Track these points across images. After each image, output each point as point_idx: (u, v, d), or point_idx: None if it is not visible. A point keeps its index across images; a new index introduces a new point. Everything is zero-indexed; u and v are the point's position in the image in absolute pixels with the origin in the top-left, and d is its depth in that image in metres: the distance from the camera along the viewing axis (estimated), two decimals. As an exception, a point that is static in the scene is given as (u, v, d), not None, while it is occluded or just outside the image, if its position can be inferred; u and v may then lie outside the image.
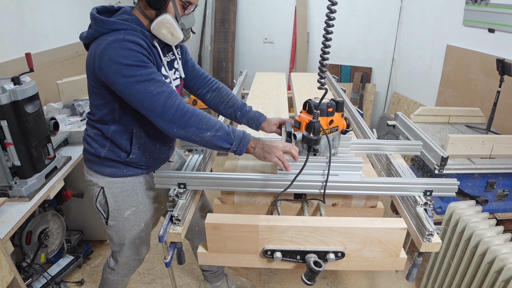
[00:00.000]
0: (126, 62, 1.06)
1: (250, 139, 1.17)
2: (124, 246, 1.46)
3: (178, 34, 1.16)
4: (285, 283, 2.14)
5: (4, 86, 1.41)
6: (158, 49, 1.20)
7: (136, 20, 1.15)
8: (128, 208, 1.37)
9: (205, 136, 1.12)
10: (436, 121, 2.36)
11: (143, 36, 1.14)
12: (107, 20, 1.11)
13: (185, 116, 1.10)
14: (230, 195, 1.31)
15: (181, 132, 1.11)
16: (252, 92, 2.35)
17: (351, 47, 4.01)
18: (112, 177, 1.33)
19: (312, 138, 1.01)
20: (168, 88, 1.11)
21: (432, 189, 1.16)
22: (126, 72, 1.06)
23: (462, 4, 2.82)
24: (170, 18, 1.13)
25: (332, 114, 1.16)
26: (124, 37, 1.08)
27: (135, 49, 1.07)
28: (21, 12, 2.23)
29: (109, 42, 1.07)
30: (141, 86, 1.07)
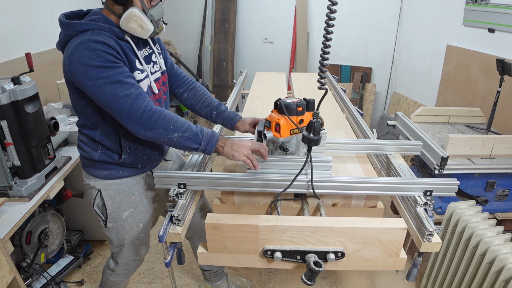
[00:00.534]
0: (92, 63, 1.06)
1: (219, 138, 1.18)
2: (123, 247, 1.46)
3: (148, 26, 1.16)
4: (285, 283, 2.14)
5: (4, 86, 1.41)
6: (131, 43, 1.20)
7: (104, 19, 1.15)
8: (126, 209, 1.38)
9: (172, 137, 1.13)
10: (436, 121, 2.36)
11: (111, 33, 1.14)
12: (73, 23, 1.12)
13: (152, 118, 1.10)
14: (230, 195, 1.31)
15: (148, 133, 1.12)
16: (252, 92, 2.35)
17: (351, 47, 4.01)
18: (108, 179, 1.33)
19: (312, 138, 1.01)
20: (136, 90, 1.11)
21: (432, 189, 1.16)
22: (93, 74, 1.07)
23: (462, 4, 2.82)
24: (137, 11, 1.13)
25: (302, 113, 1.16)
26: (90, 37, 1.08)
27: (101, 49, 1.07)
28: (21, 12, 2.23)
29: (76, 44, 1.08)
30: (108, 88, 1.07)
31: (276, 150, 1.24)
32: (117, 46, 1.13)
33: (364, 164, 1.41)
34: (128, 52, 1.18)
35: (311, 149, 1.06)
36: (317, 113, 1.02)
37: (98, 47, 1.07)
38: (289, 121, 1.14)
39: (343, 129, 1.73)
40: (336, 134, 1.68)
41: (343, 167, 1.38)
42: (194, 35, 4.38)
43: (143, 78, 1.23)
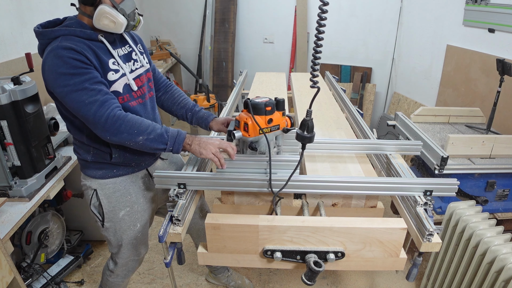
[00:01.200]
0: (60, 70, 1.09)
1: (185, 136, 1.20)
2: (122, 248, 1.47)
3: (120, 20, 1.16)
4: (285, 283, 2.14)
5: (4, 86, 1.41)
6: (105, 43, 1.20)
7: (77, 23, 1.18)
8: (122, 208, 1.38)
9: (138, 140, 1.15)
10: (436, 121, 2.36)
11: (83, 36, 1.16)
12: (44, 31, 1.15)
13: (115, 123, 1.13)
14: (230, 195, 1.31)
15: (114, 138, 1.15)
16: (252, 92, 2.35)
17: (351, 47, 4.01)
18: (103, 179, 1.35)
19: (306, 136, 1.01)
20: (102, 96, 1.13)
21: (432, 189, 1.16)
22: (60, 82, 1.10)
23: (462, 4, 2.82)
24: (107, 7, 1.14)
25: (271, 113, 1.17)
26: (59, 44, 1.10)
27: (68, 55, 1.09)
28: (21, 12, 2.23)
29: (47, 52, 1.11)
30: (74, 95, 1.10)
31: (246, 149, 1.24)
32: (87, 50, 1.14)
33: (364, 164, 1.41)
34: (100, 54, 1.18)
35: (305, 147, 1.06)
36: (309, 112, 1.02)
37: (65, 53, 1.09)
38: (258, 120, 1.15)
39: (343, 129, 1.74)
40: (336, 134, 1.68)
41: (343, 167, 1.38)
42: (194, 35, 4.38)
43: (118, 78, 1.23)
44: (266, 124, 1.16)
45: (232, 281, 2.06)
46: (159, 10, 4.31)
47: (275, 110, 1.18)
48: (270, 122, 1.17)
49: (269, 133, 1.18)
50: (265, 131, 1.17)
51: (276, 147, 1.28)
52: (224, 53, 4.26)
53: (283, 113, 1.21)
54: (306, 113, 1.02)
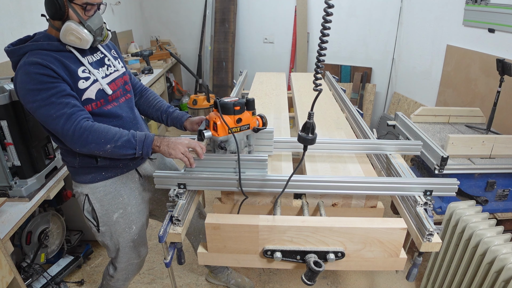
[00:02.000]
0: (28, 87, 1.11)
1: (154, 138, 1.21)
2: (119, 251, 1.47)
3: (86, 37, 1.18)
4: (285, 283, 2.14)
5: (4, 86, 1.41)
6: (74, 52, 1.22)
7: (45, 36, 1.19)
8: (115, 210, 1.39)
9: (106, 149, 1.17)
10: (436, 121, 2.36)
11: (50, 48, 1.17)
12: (12, 50, 1.16)
13: (83, 135, 1.14)
14: (230, 195, 1.31)
15: (83, 150, 1.17)
16: (252, 92, 2.35)
17: (351, 47, 4.01)
18: (93, 183, 1.35)
19: (308, 137, 1.01)
20: (69, 109, 1.13)
21: (432, 189, 1.16)
22: (29, 98, 1.12)
23: (462, 4, 2.82)
24: (73, 24, 1.15)
25: (240, 113, 1.17)
26: (26, 59, 1.12)
27: (34, 71, 1.10)
28: (21, 12, 2.23)
29: (17, 69, 1.14)
30: (42, 110, 1.12)
31: (217, 148, 1.25)
32: (54, 62, 1.15)
33: (364, 164, 1.41)
34: (69, 63, 1.19)
35: (306, 148, 1.06)
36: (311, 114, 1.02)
37: (32, 69, 1.11)
38: (227, 120, 1.16)
39: (343, 129, 1.74)
40: (336, 134, 1.68)
41: (343, 167, 1.38)
42: (194, 35, 4.38)
43: (89, 85, 1.23)
44: (235, 124, 1.17)
45: (232, 279, 2.07)
46: (159, 10, 4.31)
47: (244, 110, 1.19)
48: (239, 122, 1.18)
49: (238, 132, 1.19)
50: (234, 131, 1.18)
51: (248, 146, 1.28)
52: (224, 53, 4.27)
53: (253, 112, 1.22)
54: (308, 115, 1.02)
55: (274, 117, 1.86)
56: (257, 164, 1.19)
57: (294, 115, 2.09)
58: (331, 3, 0.83)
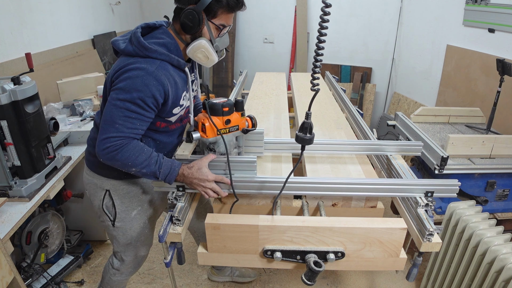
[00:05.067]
0: (132, 90, 1.06)
1: (177, 174, 1.14)
2: (130, 246, 1.46)
3: (213, 57, 1.18)
4: (285, 283, 2.14)
5: (4, 86, 1.41)
6: (188, 74, 1.22)
7: (175, 45, 1.17)
8: (135, 208, 1.38)
9: (130, 171, 1.14)
10: (436, 121, 2.37)
11: (176, 64, 1.16)
12: (149, 48, 1.11)
13: (113, 152, 1.10)
14: (230, 195, 1.31)
15: (107, 162, 1.14)
16: (252, 92, 2.35)
17: (351, 47, 4.01)
18: (117, 180, 1.33)
19: (305, 137, 1.01)
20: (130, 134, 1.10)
21: (433, 190, 1.15)
22: (121, 94, 1.07)
23: (462, 4, 2.82)
24: (206, 43, 1.14)
25: (229, 114, 1.16)
26: (156, 71, 1.09)
27: (152, 88, 1.08)
28: (21, 12, 2.23)
29: (141, 67, 1.08)
30: (116, 112, 1.08)
31: (206, 150, 1.24)
32: (172, 86, 1.14)
33: (365, 165, 1.41)
34: (180, 87, 1.19)
35: (304, 148, 1.06)
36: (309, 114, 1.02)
37: (152, 85, 1.08)
38: (216, 121, 1.15)
39: (343, 129, 1.73)
40: (336, 134, 1.68)
41: (343, 168, 1.38)
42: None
43: (179, 112, 1.25)
44: (224, 125, 1.16)
45: (236, 270, 2.08)
46: (159, 10, 4.30)
47: (233, 111, 1.18)
48: (228, 123, 1.17)
49: (227, 133, 1.18)
50: (223, 132, 1.17)
51: (237, 147, 1.28)
52: (224, 53, 4.26)
53: (242, 113, 1.21)
54: (306, 115, 1.02)
55: (274, 117, 1.86)
56: (246, 165, 1.18)
57: (294, 115, 2.09)
58: (328, 2, 0.83)
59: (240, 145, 1.28)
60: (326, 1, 0.83)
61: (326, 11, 0.84)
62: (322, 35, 0.87)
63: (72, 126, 2.15)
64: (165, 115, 1.21)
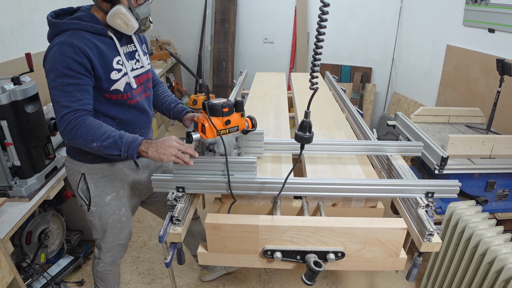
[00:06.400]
0: (56, 65, 1.13)
1: (141, 143, 1.18)
2: (106, 232, 1.48)
3: (132, 23, 1.21)
4: (285, 283, 2.14)
5: (4, 86, 1.41)
6: (114, 39, 1.24)
7: (89, 15, 1.21)
8: (108, 193, 1.42)
9: (92, 146, 1.17)
10: (436, 121, 2.37)
11: (93, 31, 1.19)
12: (56, 22, 1.18)
13: (73, 129, 1.15)
14: (230, 196, 1.31)
15: (71, 142, 1.20)
16: (252, 92, 2.35)
17: (351, 47, 4.01)
18: (91, 163, 1.37)
19: (305, 136, 1.01)
20: (77, 106, 1.16)
21: (434, 191, 1.15)
22: (51, 75, 1.15)
23: (462, 4, 2.82)
24: (123, 8, 1.18)
25: (229, 114, 1.16)
26: (67, 39, 1.14)
27: (70, 54, 1.13)
28: (21, 12, 2.23)
29: (54, 43, 1.15)
30: (56, 92, 1.15)
31: (206, 151, 1.24)
32: (92, 50, 1.17)
33: (365, 165, 1.41)
34: (106, 51, 1.22)
35: (303, 147, 1.06)
36: (308, 113, 1.02)
37: (69, 51, 1.13)
38: (215, 122, 1.15)
39: (343, 129, 1.73)
40: (336, 134, 1.68)
41: (343, 168, 1.38)
42: (194, 35, 4.38)
43: (120, 77, 1.27)
44: (224, 126, 1.16)
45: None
46: (159, 10, 4.31)
47: (233, 111, 1.18)
48: (228, 124, 1.17)
49: (227, 134, 1.18)
50: (223, 133, 1.17)
51: (237, 148, 1.27)
52: (224, 53, 4.26)
53: (242, 114, 1.21)
54: (305, 114, 1.02)
55: (274, 117, 1.86)
56: (246, 166, 1.18)
57: (294, 115, 2.09)
58: (327, 2, 0.83)
59: (240, 145, 1.28)
60: (324, 0, 0.82)
61: (325, 10, 0.84)
62: (321, 34, 0.87)
63: (72, 126, 2.15)
64: (105, 84, 1.24)
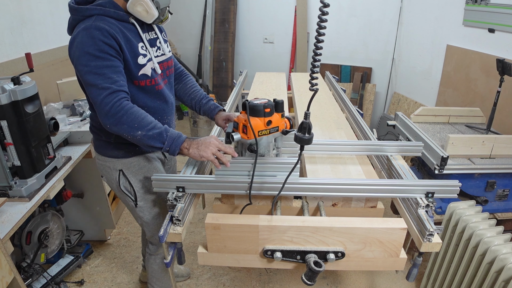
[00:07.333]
0: (86, 50, 1.10)
1: (185, 140, 1.19)
2: (160, 221, 1.46)
3: (153, 11, 1.20)
4: (285, 283, 2.14)
5: (4, 86, 1.41)
6: (136, 25, 1.23)
7: (110, 2, 1.19)
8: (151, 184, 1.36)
9: (136, 135, 1.15)
10: (436, 121, 2.37)
11: (116, 17, 1.18)
12: (79, 8, 1.16)
13: (118, 113, 1.13)
14: (230, 196, 1.31)
15: (113, 128, 1.16)
16: (252, 92, 2.35)
17: (351, 47, 4.01)
18: (126, 158, 1.36)
19: (304, 137, 1.01)
20: (117, 87, 1.14)
21: (434, 191, 1.15)
22: (83, 61, 1.11)
23: (462, 4, 2.82)
24: None
25: (270, 115, 1.15)
26: (93, 23, 1.12)
27: (100, 37, 1.11)
28: (21, 12, 2.23)
29: (81, 29, 1.13)
30: (91, 77, 1.12)
31: (245, 152, 1.23)
32: (119, 33, 1.15)
33: (365, 165, 1.41)
34: (131, 37, 1.21)
35: (303, 148, 1.06)
36: (308, 114, 1.02)
37: (97, 34, 1.10)
38: (257, 122, 1.13)
39: (343, 129, 1.73)
40: (336, 134, 1.68)
41: (344, 168, 1.38)
42: (194, 35, 4.38)
43: (146, 62, 1.25)
44: (265, 126, 1.15)
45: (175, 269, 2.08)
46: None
47: (274, 112, 1.17)
48: (269, 124, 1.16)
49: (268, 135, 1.17)
50: (264, 133, 1.16)
51: (276, 149, 1.27)
52: (224, 53, 4.27)
53: (282, 114, 1.20)
54: (304, 115, 1.02)
55: (274, 117, 1.85)
56: (288, 167, 1.16)
57: (294, 115, 2.08)
58: (327, 2, 0.82)
59: (278, 146, 1.27)
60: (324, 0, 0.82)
61: (325, 10, 0.84)
62: (321, 35, 0.87)
63: (72, 126, 2.15)
64: (134, 68, 1.22)
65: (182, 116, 4.75)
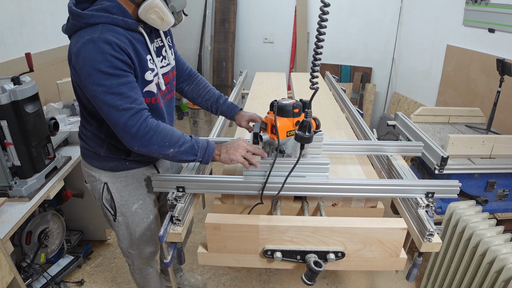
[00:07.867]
0: (98, 67, 0.98)
1: (215, 147, 1.17)
2: (134, 240, 1.41)
3: (169, 18, 1.08)
4: (285, 283, 2.14)
5: (4, 86, 1.41)
6: (144, 35, 1.11)
7: (117, 7, 1.05)
8: (135, 202, 1.33)
9: (168, 153, 1.10)
10: (436, 121, 2.37)
11: (124, 25, 1.05)
12: (83, 14, 1.01)
13: (147, 134, 1.05)
14: (230, 196, 1.31)
15: (142, 149, 1.08)
16: (252, 92, 2.35)
17: (351, 47, 4.01)
18: (114, 171, 1.28)
19: (305, 136, 1.01)
20: (138, 105, 1.05)
21: (434, 191, 1.15)
22: (95, 79, 0.99)
23: (462, 4, 2.82)
24: (159, 1, 1.04)
25: (299, 115, 1.15)
26: (100, 35, 0.99)
27: (110, 52, 0.99)
28: (21, 12, 2.23)
29: (85, 41, 0.99)
30: (107, 97, 1.00)
31: (272, 152, 1.23)
32: (129, 47, 1.04)
33: (365, 165, 1.41)
34: (140, 48, 1.09)
35: (303, 147, 1.06)
36: (309, 112, 1.02)
37: (108, 49, 0.98)
38: (286, 122, 1.12)
39: (343, 129, 1.73)
40: (336, 134, 1.68)
41: (344, 168, 1.38)
42: (194, 35, 4.38)
43: (152, 79, 1.16)
44: (294, 126, 1.14)
45: (185, 280, 2.05)
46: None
47: (302, 112, 1.15)
48: (297, 124, 1.14)
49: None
50: (292, 134, 1.14)
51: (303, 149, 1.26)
52: (224, 53, 4.27)
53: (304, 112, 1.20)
54: (305, 114, 1.02)
55: (274, 117, 1.85)
56: (318, 168, 1.17)
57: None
58: (327, 2, 0.83)
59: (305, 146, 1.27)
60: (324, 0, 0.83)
61: (325, 10, 0.84)
62: (321, 34, 0.87)
63: (72, 126, 2.15)
64: (140, 85, 1.11)
65: (182, 116, 4.75)
